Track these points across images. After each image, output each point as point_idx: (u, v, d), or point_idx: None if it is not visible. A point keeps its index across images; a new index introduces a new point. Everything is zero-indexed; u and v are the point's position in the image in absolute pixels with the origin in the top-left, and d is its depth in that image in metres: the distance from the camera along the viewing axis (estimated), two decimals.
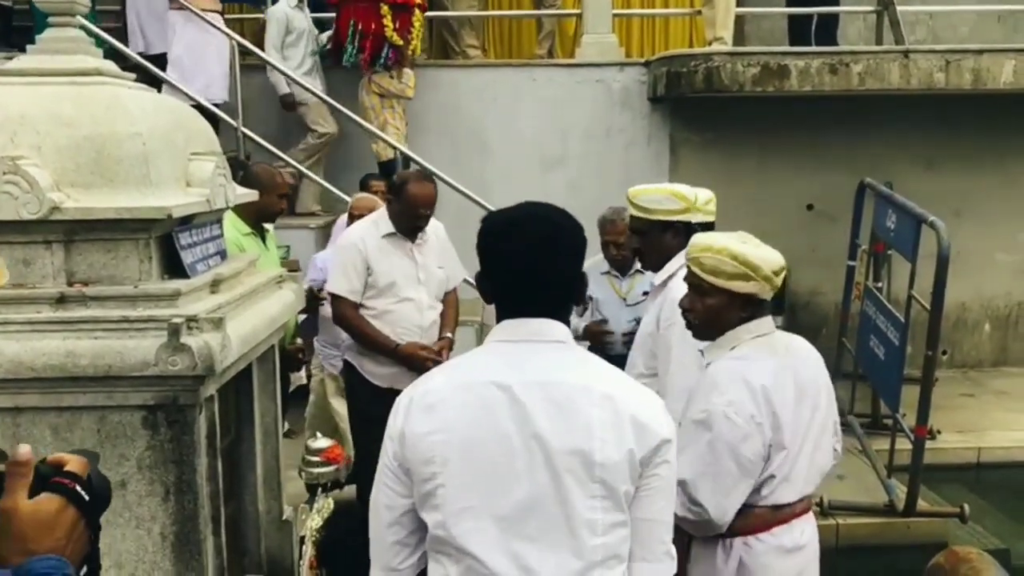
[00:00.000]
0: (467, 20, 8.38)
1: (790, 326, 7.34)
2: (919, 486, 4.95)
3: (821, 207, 7.68)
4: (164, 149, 2.54)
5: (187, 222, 2.60)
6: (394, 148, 6.67)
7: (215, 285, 2.64)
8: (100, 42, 6.17)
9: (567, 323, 1.87)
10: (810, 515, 2.62)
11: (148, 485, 2.35)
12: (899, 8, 7.60)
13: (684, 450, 2.33)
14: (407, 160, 6.58)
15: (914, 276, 5.22)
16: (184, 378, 2.26)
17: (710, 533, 2.46)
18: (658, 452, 1.75)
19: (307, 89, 6.78)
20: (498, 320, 1.86)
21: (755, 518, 2.47)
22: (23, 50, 2.73)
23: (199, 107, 5.24)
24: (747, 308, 2.46)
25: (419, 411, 1.77)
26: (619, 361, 2.59)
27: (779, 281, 2.45)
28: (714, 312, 2.47)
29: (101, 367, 2.25)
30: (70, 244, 2.40)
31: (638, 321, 4.27)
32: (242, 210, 3.88)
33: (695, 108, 7.50)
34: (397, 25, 6.66)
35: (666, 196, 3.33)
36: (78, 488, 1.20)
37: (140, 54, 6.66)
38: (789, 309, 7.44)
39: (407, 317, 4.11)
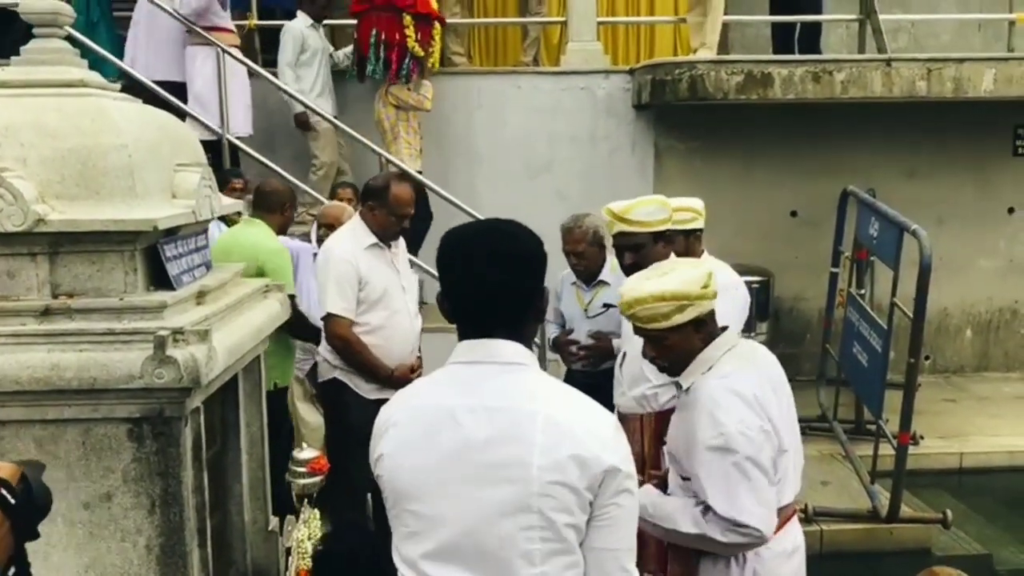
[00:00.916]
0: (452, 27, 8.39)
1: (774, 332, 7.43)
2: (902, 493, 4.99)
3: (804, 214, 7.74)
4: (149, 161, 2.54)
5: (172, 233, 2.60)
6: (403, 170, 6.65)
7: (201, 296, 2.64)
8: (112, 70, 6.20)
9: (526, 340, 1.81)
10: (795, 515, 2.65)
11: (134, 498, 2.35)
12: (881, 16, 7.66)
13: (709, 478, 2.37)
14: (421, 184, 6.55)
15: (897, 284, 5.26)
16: (170, 390, 2.26)
17: (757, 546, 2.47)
18: (607, 482, 1.68)
19: (317, 113, 6.72)
20: (459, 339, 1.82)
21: None
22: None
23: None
24: (702, 329, 2.48)
25: (379, 436, 1.84)
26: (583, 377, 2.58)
27: (713, 290, 2.45)
28: (676, 350, 2.49)
29: (86, 380, 2.25)
30: (55, 256, 2.40)
31: (595, 337, 4.27)
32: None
33: (679, 115, 7.53)
34: (419, 36, 6.66)
35: (657, 207, 3.43)
36: (3, 492, 1.26)
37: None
38: (773, 315, 7.48)
39: (401, 330, 4.08)
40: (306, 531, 2.79)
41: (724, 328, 2.55)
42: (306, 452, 2.86)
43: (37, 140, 2.43)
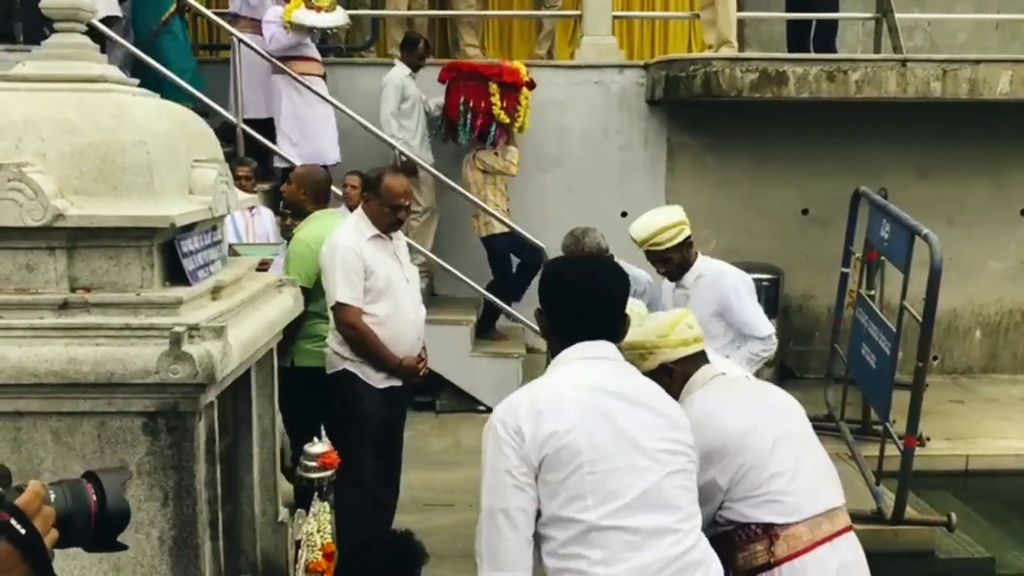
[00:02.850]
0: (466, 19, 8.40)
1: (783, 329, 7.44)
2: (907, 495, 5.00)
3: (816, 212, 7.74)
4: (167, 157, 2.57)
5: (189, 229, 2.63)
6: (501, 222, 6.78)
7: (216, 292, 2.67)
8: (207, 110, 6.28)
9: None
10: (851, 535, 2.63)
11: (147, 490, 2.38)
12: (897, 15, 7.63)
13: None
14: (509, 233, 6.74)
15: (907, 286, 5.26)
16: (185, 386, 2.29)
17: None
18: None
19: (419, 163, 6.87)
20: (557, 349, 2.23)
21: (795, 539, 2.52)
22: None
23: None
24: (673, 374, 2.66)
25: (552, 412, 2.05)
26: None
27: (674, 338, 2.70)
28: None
29: (103, 374, 2.28)
30: (73, 250, 2.43)
31: None
32: None
33: (693, 112, 7.53)
34: (504, 104, 6.88)
35: (672, 228, 4.06)
36: (12, 522, 1.15)
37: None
38: (782, 312, 7.49)
39: (406, 321, 4.14)
40: (315, 524, 2.82)
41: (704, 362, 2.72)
42: (317, 445, 2.89)
43: (57, 135, 2.45)
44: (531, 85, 7.18)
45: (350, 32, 7.79)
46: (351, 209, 4.87)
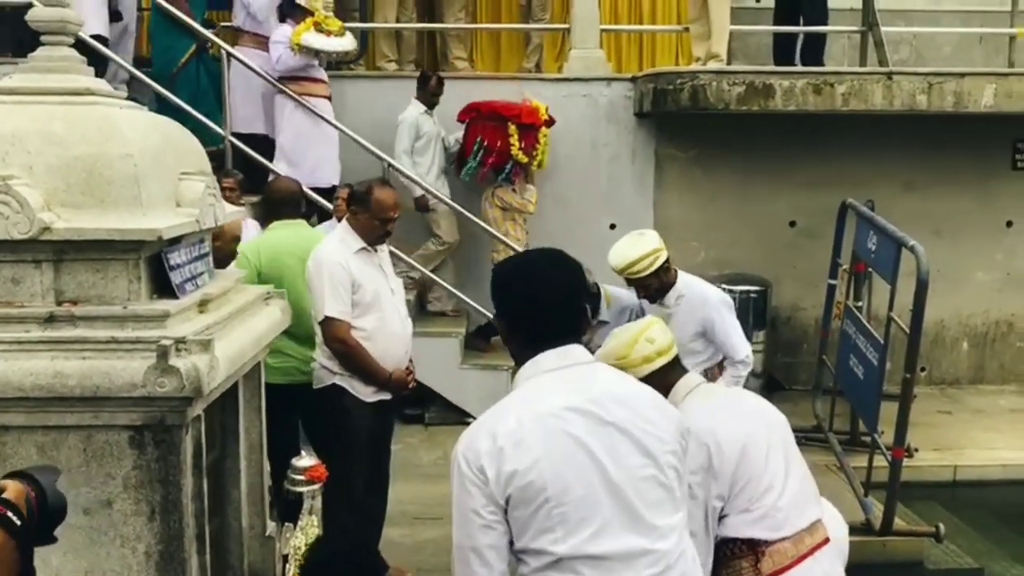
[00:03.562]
0: (455, 32, 8.42)
1: (771, 341, 7.46)
2: (896, 507, 5.01)
3: (803, 224, 7.77)
4: (155, 169, 2.56)
5: (176, 242, 2.62)
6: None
7: (203, 304, 2.66)
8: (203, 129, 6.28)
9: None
10: (831, 547, 2.64)
11: (134, 504, 2.36)
12: (883, 28, 7.69)
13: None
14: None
15: (894, 298, 5.28)
16: (172, 399, 2.28)
17: None
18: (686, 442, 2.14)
19: (437, 197, 6.93)
20: (518, 354, 2.13)
21: (779, 555, 2.51)
22: None
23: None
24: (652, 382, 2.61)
25: (513, 450, 1.95)
26: None
27: (635, 357, 2.70)
28: None
29: (89, 388, 2.26)
30: (59, 263, 2.41)
31: None
32: None
33: (680, 124, 7.57)
34: (523, 144, 6.93)
35: (649, 256, 4.12)
36: (9, 514, 1.29)
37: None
38: (770, 324, 7.52)
39: (393, 334, 4.14)
40: (303, 538, 2.81)
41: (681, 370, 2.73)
42: (305, 460, 2.88)
43: (43, 148, 2.44)
44: (550, 123, 7.22)
45: None
46: (339, 220, 4.88)
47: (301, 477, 2.85)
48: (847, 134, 7.52)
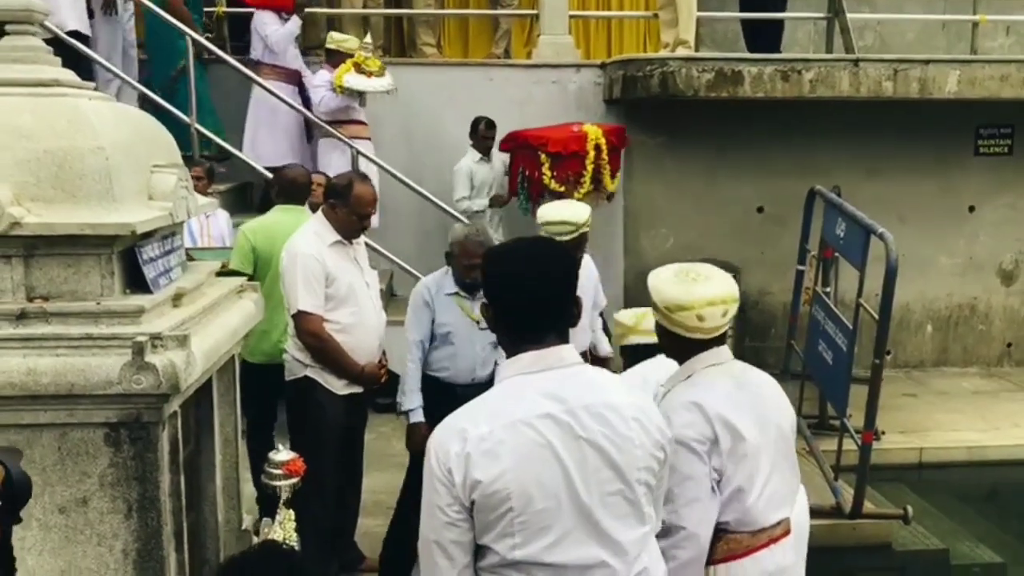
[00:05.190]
0: (423, 18, 8.36)
1: (740, 326, 7.51)
2: (865, 490, 5.08)
3: (771, 210, 7.83)
4: (126, 163, 2.52)
5: (149, 236, 2.58)
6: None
7: (177, 299, 2.63)
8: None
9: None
10: (789, 538, 2.66)
11: (110, 502, 2.34)
12: (848, 15, 7.75)
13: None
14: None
15: (862, 284, 5.34)
16: (148, 396, 2.26)
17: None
18: (670, 454, 2.11)
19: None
20: (506, 344, 2.07)
21: (735, 543, 2.53)
22: None
23: None
24: (674, 347, 2.67)
25: (481, 459, 1.92)
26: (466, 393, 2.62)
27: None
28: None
29: (63, 385, 2.23)
30: (30, 259, 2.37)
31: (495, 345, 4.28)
32: None
33: (650, 111, 7.58)
34: (555, 173, 6.86)
35: (585, 224, 4.36)
36: None
37: None
38: (739, 309, 7.55)
39: (368, 327, 4.10)
40: (281, 533, 2.79)
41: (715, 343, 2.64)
42: (282, 453, 2.87)
43: (11, 141, 2.39)
44: (615, 148, 7.09)
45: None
46: (312, 210, 4.83)
47: (278, 471, 2.83)
48: (814, 121, 7.58)
